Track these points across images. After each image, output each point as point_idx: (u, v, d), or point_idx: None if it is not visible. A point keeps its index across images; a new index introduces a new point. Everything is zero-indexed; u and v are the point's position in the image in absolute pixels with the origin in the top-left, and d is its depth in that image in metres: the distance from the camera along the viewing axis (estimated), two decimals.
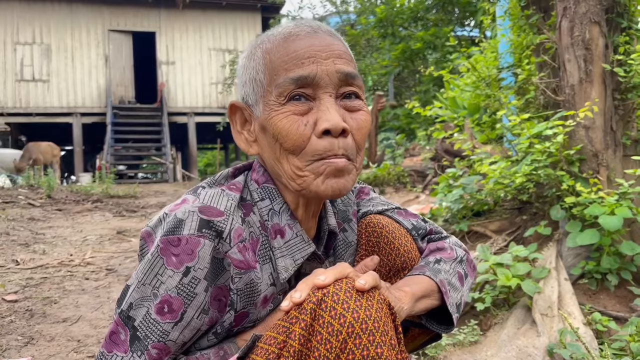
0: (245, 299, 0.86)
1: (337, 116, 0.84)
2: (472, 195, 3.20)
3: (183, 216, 0.82)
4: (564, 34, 2.56)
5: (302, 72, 0.84)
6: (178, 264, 0.79)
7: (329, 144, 0.84)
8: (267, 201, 0.92)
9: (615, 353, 1.84)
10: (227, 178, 0.97)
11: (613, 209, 2.19)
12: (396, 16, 10.72)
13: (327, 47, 0.86)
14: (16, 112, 13.86)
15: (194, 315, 0.81)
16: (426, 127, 7.71)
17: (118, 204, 7.21)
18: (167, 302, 0.80)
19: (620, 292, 2.27)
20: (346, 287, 0.74)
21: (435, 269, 1.02)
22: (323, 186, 0.85)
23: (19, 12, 13.96)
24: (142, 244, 0.87)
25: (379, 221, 1.08)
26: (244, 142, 0.94)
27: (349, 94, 0.88)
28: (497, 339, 2.05)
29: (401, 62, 10.50)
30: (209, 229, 0.81)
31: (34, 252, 3.97)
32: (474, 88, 4.65)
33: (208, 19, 15.33)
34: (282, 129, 0.84)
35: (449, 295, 1.00)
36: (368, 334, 0.70)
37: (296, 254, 0.91)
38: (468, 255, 1.14)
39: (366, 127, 0.90)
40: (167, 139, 13.91)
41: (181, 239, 0.80)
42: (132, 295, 0.82)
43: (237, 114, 0.94)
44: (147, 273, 0.81)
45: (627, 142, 2.60)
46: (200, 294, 0.81)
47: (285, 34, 0.88)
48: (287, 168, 0.87)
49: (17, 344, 2.23)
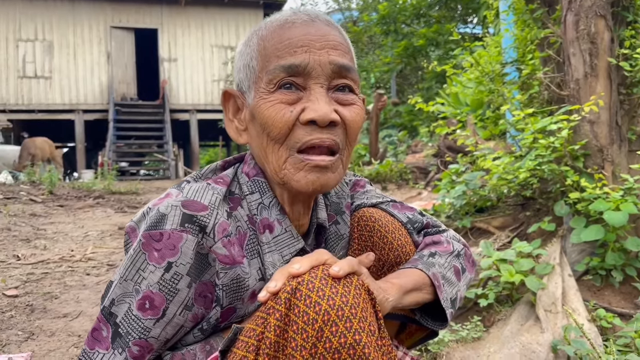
0: (231, 295, 0.84)
1: (327, 107, 0.82)
2: (475, 191, 3.17)
3: (165, 210, 0.80)
4: (569, 27, 2.54)
5: (294, 60, 0.82)
6: (160, 259, 0.78)
7: (312, 134, 0.82)
8: (256, 195, 0.90)
9: (620, 349, 1.82)
10: (215, 171, 0.95)
11: (618, 204, 2.17)
12: (399, 13, 10.69)
13: (322, 37, 0.84)
14: (18, 109, 13.86)
15: (176, 311, 0.79)
16: (429, 123, 7.68)
17: (120, 200, 7.21)
18: (148, 298, 0.78)
19: (625, 288, 2.25)
20: (322, 275, 0.72)
21: (428, 262, 1.00)
22: (304, 181, 0.83)
23: (21, 8, 13.96)
24: (127, 239, 0.86)
25: (372, 214, 1.06)
26: (234, 130, 0.93)
27: (342, 87, 0.86)
28: (501, 335, 2.03)
29: (404, 59, 10.47)
30: (191, 224, 0.79)
31: (35, 248, 3.96)
32: (477, 84, 4.63)
33: (210, 15, 15.30)
34: (269, 117, 0.82)
35: (443, 290, 0.98)
36: (345, 320, 0.68)
37: (284, 250, 0.89)
38: (466, 250, 1.11)
39: (359, 121, 0.87)
40: (169, 136, 13.90)
41: (163, 234, 0.78)
42: (114, 291, 0.80)
43: (230, 101, 0.93)
44: (129, 268, 0.79)
45: (633, 137, 2.58)
46: (182, 290, 0.79)
47: (281, 21, 0.87)
48: (272, 159, 0.85)
49: (17, 339, 2.22)
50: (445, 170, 3.77)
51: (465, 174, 3.35)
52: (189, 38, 15.20)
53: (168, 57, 15.06)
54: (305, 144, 0.82)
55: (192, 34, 15.22)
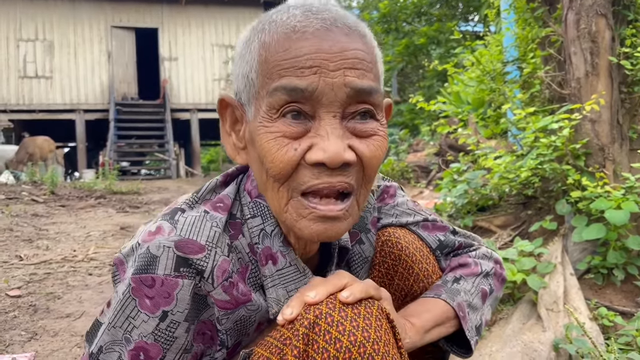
0: (236, 334, 0.78)
1: (338, 144, 0.67)
2: (476, 190, 3.18)
3: (157, 252, 0.70)
4: (570, 26, 2.54)
5: (299, 84, 0.66)
6: (153, 308, 0.69)
7: (319, 177, 0.69)
8: (258, 219, 0.79)
9: (621, 348, 1.82)
10: (215, 190, 0.82)
11: (619, 203, 2.17)
12: (400, 11, 10.68)
13: (338, 54, 0.67)
14: (19, 108, 13.87)
15: (174, 357, 0.73)
16: (430, 122, 7.68)
17: (121, 200, 7.22)
18: (142, 349, 0.71)
19: (627, 287, 2.25)
20: (340, 306, 0.67)
21: (453, 290, 0.93)
22: (307, 231, 0.71)
23: (22, 8, 13.97)
24: (115, 270, 0.76)
25: (399, 240, 0.95)
26: (231, 146, 0.79)
27: (363, 113, 0.71)
28: (502, 334, 2.04)
29: (405, 58, 10.46)
30: (187, 267, 0.70)
31: (38, 248, 3.97)
32: (479, 82, 4.63)
33: (210, 14, 15.30)
34: (268, 152, 0.69)
35: (467, 319, 0.91)
36: (367, 357, 0.64)
37: (290, 285, 0.79)
38: (496, 269, 1.02)
39: (379, 156, 0.72)
40: (170, 136, 13.91)
41: (156, 280, 0.69)
42: (102, 338, 0.73)
43: (227, 110, 0.79)
44: (118, 315, 0.71)
45: (634, 135, 2.58)
46: (180, 337, 0.72)
47: (288, 28, 0.69)
48: (272, 196, 0.73)
49: (20, 339, 2.22)
50: (447, 169, 3.77)
51: (467, 172, 3.35)
52: (190, 37, 15.20)
53: (169, 56, 15.06)
54: (311, 189, 0.70)
55: (192, 33, 15.22)
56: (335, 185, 0.69)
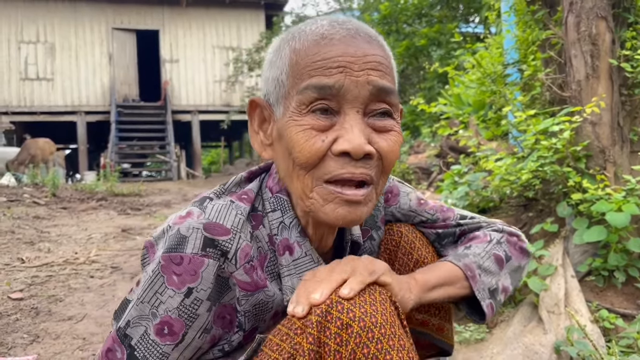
0: (253, 319, 0.83)
1: (361, 137, 0.75)
2: (477, 192, 3.18)
3: (186, 232, 0.76)
4: (570, 29, 2.54)
5: (327, 81, 0.75)
6: (180, 284, 0.75)
7: (344, 167, 0.76)
8: (278, 213, 0.86)
9: (622, 350, 1.82)
10: (240, 184, 0.90)
11: (620, 205, 2.17)
12: (400, 13, 10.68)
13: (361, 58, 0.76)
14: (20, 110, 13.91)
15: (195, 335, 0.78)
16: (431, 124, 7.68)
17: (122, 202, 7.23)
18: (167, 324, 0.76)
19: (628, 289, 2.25)
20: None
21: (461, 254, 0.98)
22: (332, 215, 0.78)
23: (23, 11, 14.00)
24: (144, 253, 0.83)
25: (399, 228, 1.04)
26: (258, 144, 0.87)
27: (382, 112, 0.79)
28: (504, 336, 2.04)
29: (405, 59, 10.46)
30: (213, 248, 0.77)
31: (39, 251, 3.98)
32: (479, 84, 4.63)
33: (211, 16, 15.33)
34: (297, 142, 0.76)
35: (478, 280, 0.95)
36: (376, 342, 0.70)
37: (304, 274, 0.85)
38: (509, 237, 1.06)
39: (396, 150, 0.80)
40: (171, 137, 13.93)
41: (184, 258, 0.75)
42: (130, 313, 0.78)
43: (256, 110, 0.87)
44: (146, 291, 0.77)
45: (634, 138, 2.58)
46: (202, 315, 0.78)
47: (317, 35, 0.78)
48: (297, 185, 0.80)
49: (22, 342, 2.23)
50: (448, 171, 3.77)
51: (468, 174, 3.36)
52: (191, 39, 15.22)
53: (170, 58, 15.09)
54: (335, 177, 0.76)
55: (193, 35, 15.24)
56: (358, 176, 0.77)
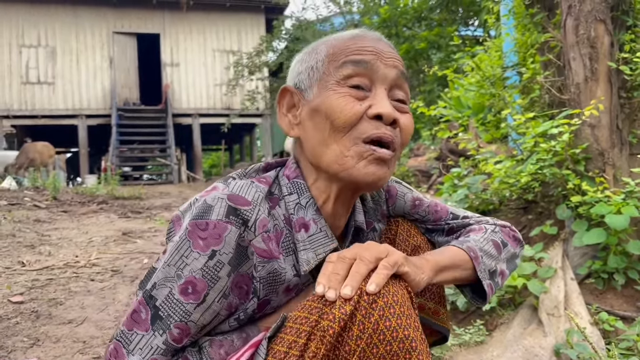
0: (267, 287, 0.89)
1: (391, 106, 0.89)
2: (477, 194, 3.18)
3: (212, 202, 0.85)
4: (569, 32, 2.55)
5: (363, 57, 0.89)
6: (205, 247, 0.82)
7: (379, 128, 0.88)
8: (294, 195, 0.94)
9: (622, 353, 1.82)
10: (258, 172, 1.00)
11: (619, 207, 2.17)
12: (400, 16, 10.69)
13: (389, 52, 0.93)
14: (22, 114, 13.92)
15: (215, 298, 0.84)
16: (430, 126, 7.68)
17: (123, 205, 7.23)
18: (191, 283, 0.82)
19: (627, 291, 2.25)
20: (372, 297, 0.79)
21: (462, 240, 1.06)
22: (364, 170, 0.88)
23: (24, 15, 14.03)
24: (170, 227, 0.90)
25: (396, 218, 1.14)
26: (286, 124, 0.97)
27: (399, 99, 0.93)
28: (503, 339, 2.04)
29: (405, 62, 10.47)
30: (235, 216, 0.84)
31: (40, 254, 3.98)
32: (479, 87, 4.64)
33: (212, 20, 15.35)
34: (337, 105, 0.88)
35: (480, 262, 1.02)
36: (396, 317, 0.76)
37: (319, 249, 0.93)
38: (503, 228, 1.14)
39: (411, 127, 0.94)
40: (172, 141, 13.94)
41: (209, 224, 0.83)
42: (156, 275, 0.84)
43: (286, 97, 0.97)
44: (173, 254, 0.84)
45: (633, 140, 2.59)
46: (223, 278, 0.84)
47: (352, 35, 0.94)
48: (334, 148, 0.89)
49: (23, 345, 2.23)
50: (447, 173, 3.78)
51: (467, 177, 3.36)
52: (191, 43, 15.24)
53: (170, 62, 15.11)
54: (371, 137, 0.88)
55: (194, 38, 15.27)
56: (388, 137, 0.89)
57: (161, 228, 5.30)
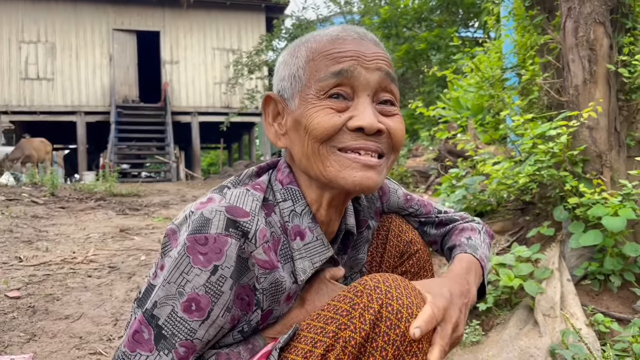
0: (270, 298, 0.88)
1: (373, 117, 0.86)
2: (475, 195, 3.19)
3: (210, 215, 0.82)
4: (569, 34, 2.55)
5: (342, 66, 0.86)
6: (206, 263, 0.80)
7: (357, 140, 0.86)
8: (289, 202, 0.93)
9: (617, 354, 1.83)
10: (251, 177, 0.97)
11: (616, 210, 2.18)
12: (400, 17, 10.70)
13: (372, 54, 0.88)
14: (20, 110, 13.90)
15: (219, 313, 0.82)
16: (429, 127, 7.69)
17: (121, 202, 7.22)
18: (194, 300, 0.80)
19: (623, 293, 2.26)
20: (397, 295, 0.81)
21: (472, 245, 1.10)
22: (350, 179, 0.86)
23: (24, 10, 14.02)
24: (166, 241, 0.86)
25: (389, 215, 1.18)
26: (273, 134, 0.95)
27: (385, 101, 0.90)
28: (499, 339, 2.05)
29: (405, 63, 10.47)
30: (235, 229, 0.82)
31: (37, 250, 3.98)
32: (478, 88, 4.64)
33: (212, 18, 15.35)
34: (315, 119, 0.86)
35: (485, 269, 1.07)
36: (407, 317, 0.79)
37: (315, 257, 0.92)
38: (484, 226, 1.22)
39: (402, 129, 0.91)
40: (171, 138, 13.93)
41: (208, 238, 0.80)
42: (156, 294, 0.81)
43: (270, 105, 0.95)
44: (172, 271, 0.81)
45: (631, 143, 2.59)
46: (226, 293, 0.81)
47: (332, 36, 0.90)
48: (315, 160, 0.88)
49: (19, 340, 2.23)
50: (446, 174, 3.78)
51: (465, 178, 3.37)
52: (191, 41, 15.24)
53: (170, 60, 15.10)
54: (348, 147, 0.86)
55: (194, 36, 15.27)
56: (371, 147, 0.87)
57: (159, 225, 5.30)
